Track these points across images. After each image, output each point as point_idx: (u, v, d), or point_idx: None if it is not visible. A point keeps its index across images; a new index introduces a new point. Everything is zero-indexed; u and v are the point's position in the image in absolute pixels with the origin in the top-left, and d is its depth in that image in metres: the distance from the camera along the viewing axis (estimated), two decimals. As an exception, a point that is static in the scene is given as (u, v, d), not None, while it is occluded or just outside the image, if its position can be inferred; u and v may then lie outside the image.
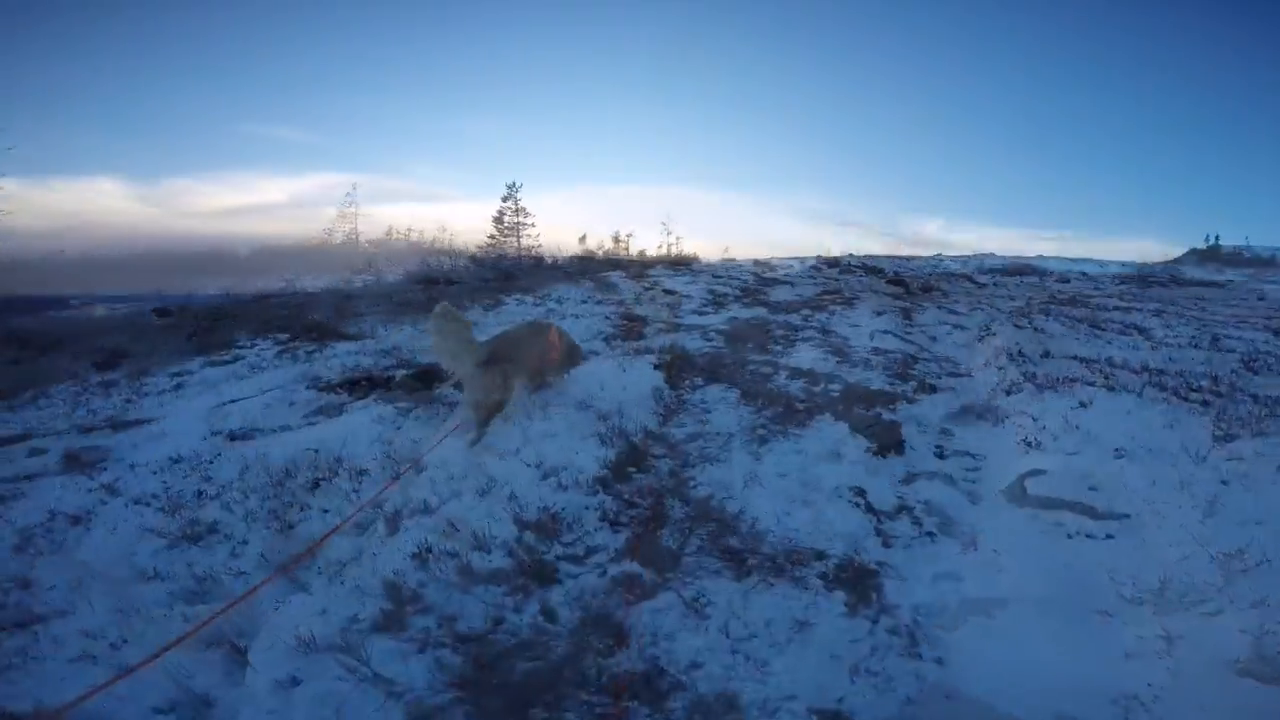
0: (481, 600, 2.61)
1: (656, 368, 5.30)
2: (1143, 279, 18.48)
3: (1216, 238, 28.81)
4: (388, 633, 2.45)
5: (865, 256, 22.42)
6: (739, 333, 9.24)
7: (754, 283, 15.53)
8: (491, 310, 12.40)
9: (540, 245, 22.31)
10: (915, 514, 3.48)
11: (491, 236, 22.23)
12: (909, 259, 22.61)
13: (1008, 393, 4.96)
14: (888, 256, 22.99)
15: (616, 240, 27.89)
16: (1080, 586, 2.96)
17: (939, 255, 24.09)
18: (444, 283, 14.09)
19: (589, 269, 20.48)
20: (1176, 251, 32.00)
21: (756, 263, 19.61)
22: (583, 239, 27.11)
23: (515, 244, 22.12)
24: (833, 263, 19.85)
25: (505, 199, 22.66)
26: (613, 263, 23.71)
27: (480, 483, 3.52)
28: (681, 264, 20.80)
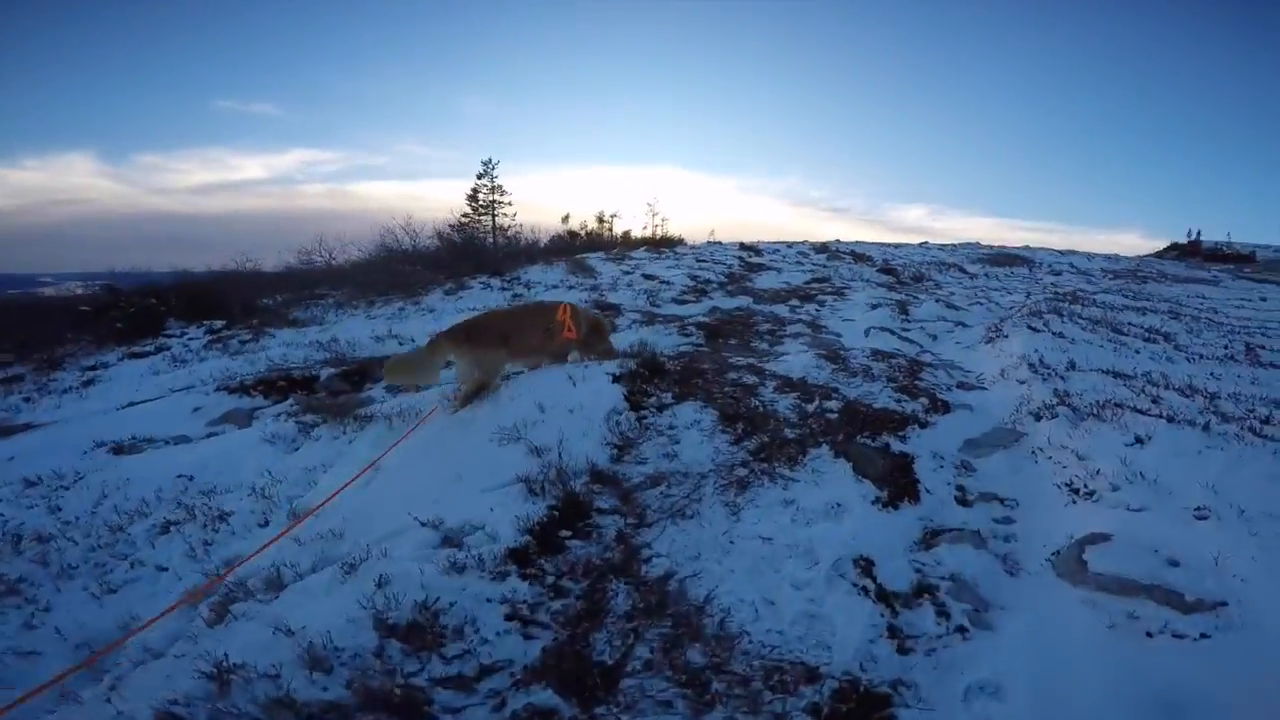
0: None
1: (616, 380, 4.35)
2: (1134, 273, 17.79)
3: (1198, 233, 28.13)
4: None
5: (853, 243, 21.55)
6: (721, 327, 8.31)
7: (739, 268, 14.58)
8: (452, 295, 11.35)
9: (519, 225, 21.11)
10: (939, 597, 2.61)
11: (465, 215, 20.94)
12: (896, 246, 21.74)
13: (1037, 417, 4.10)
14: (875, 243, 22.09)
15: (600, 221, 26.69)
16: (1171, 713, 2.13)
17: (925, 243, 23.27)
18: (404, 264, 12.98)
19: (567, 250, 19.44)
20: (1157, 245, 31.49)
21: (743, 246, 18.63)
22: (565, 219, 25.85)
23: (490, 223, 20.91)
24: (821, 248, 18.92)
25: (480, 176, 21.39)
26: (594, 244, 22.67)
27: (354, 548, 2.58)
28: (665, 246, 19.77)
